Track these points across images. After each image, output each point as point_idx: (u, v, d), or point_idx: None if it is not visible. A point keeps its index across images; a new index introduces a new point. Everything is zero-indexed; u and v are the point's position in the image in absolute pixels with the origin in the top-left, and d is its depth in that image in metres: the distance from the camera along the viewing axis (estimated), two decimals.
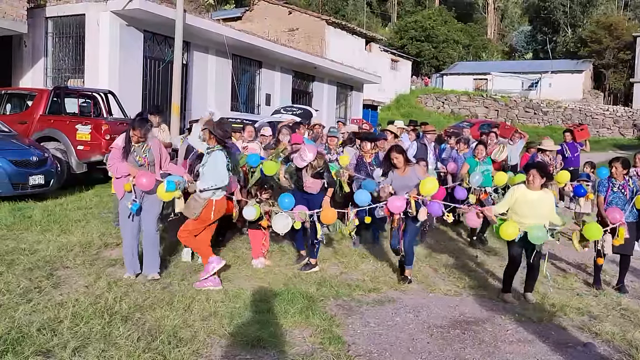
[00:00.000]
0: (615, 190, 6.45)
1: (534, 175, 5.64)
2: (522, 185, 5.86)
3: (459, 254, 7.83)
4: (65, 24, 13.54)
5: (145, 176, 5.43)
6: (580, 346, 4.71)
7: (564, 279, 6.88)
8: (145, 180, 5.41)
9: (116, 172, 5.57)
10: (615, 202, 6.40)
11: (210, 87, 15.97)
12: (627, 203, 6.38)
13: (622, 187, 6.41)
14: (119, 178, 5.58)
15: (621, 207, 6.31)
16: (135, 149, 5.59)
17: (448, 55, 42.40)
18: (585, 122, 31.34)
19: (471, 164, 8.11)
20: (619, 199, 6.41)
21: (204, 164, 5.59)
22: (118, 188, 5.66)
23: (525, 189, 5.72)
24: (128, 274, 5.68)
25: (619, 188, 6.43)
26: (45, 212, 7.91)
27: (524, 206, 5.63)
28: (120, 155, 5.56)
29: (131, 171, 5.51)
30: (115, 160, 5.57)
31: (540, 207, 5.64)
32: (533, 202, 5.62)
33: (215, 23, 16.39)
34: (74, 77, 13.45)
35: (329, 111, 22.13)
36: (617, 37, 39.21)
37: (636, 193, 6.33)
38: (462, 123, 25.73)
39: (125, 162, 5.55)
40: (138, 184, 5.43)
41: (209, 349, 4.18)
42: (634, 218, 6.43)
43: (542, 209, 5.65)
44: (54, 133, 9.92)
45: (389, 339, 4.64)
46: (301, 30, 26.77)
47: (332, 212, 5.98)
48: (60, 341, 4.01)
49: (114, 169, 5.58)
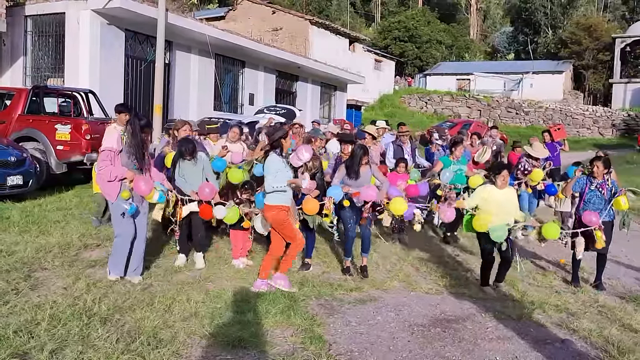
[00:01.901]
0: (592, 189, 6.54)
1: (505, 177, 6.02)
2: (489, 184, 6.19)
3: (439, 252, 7.89)
4: (45, 22, 13.36)
5: (143, 181, 5.35)
6: (558, 343, 4.77)
7: (543, 276, 6.96)
8: (144, 185, 5.34)
9: (109, 176, 5.35)
10: (593, 201, 6.49)
11: (193, 87, 15.88)
12: (604, 202, 6.47)
13: (600, 187, 6.50)
14: (110, 181, 5.38)
15: (598, 205, 6.42)
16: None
17: (431, 55, 42.64)
18: (566, 122, 31.79)
19: (445, 163, 8.19)
20: (596, 197, 6.50)
21: (261, 170, 5.66)
22: (111, 191, 5.42)
23: (493, 188, 6.06)
24: (114, 275, 5.52)
25: (596, 187, 6.51)
26: (23, 213, 7.79)
27: (493, 204, 5.96)
28: (114, 157, 5.37)
29: (128, 175, 5.35)
30: (108, 162, 5.37)
31: (507, 205, 6.00)
32: (501, 200, 5.98)
33: (198, 22, 16.30)
34: (53, 76, 13.27)
35: (312, 111, 22.12)
36: (597, 39, 39.75)
37: (615, 194, 6.42)
38: (445, 123, 25.95)
39: (118, 165, 5.37)
40: (137, 188, 5.33)
41: (189, 350, 4.15)
42: (610, 217, 6.53)
43: (509, 207, 6.03)
44: (33, 133, 9.77)
45: (369, 338, 4.65)
46: (285, 30, 26.75)
47: (313, 202, 6.02)
48: (37, 343, 3.96)
49: (107, 172, 5.35)
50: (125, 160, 5.41)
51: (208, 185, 5.99)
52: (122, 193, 5.35)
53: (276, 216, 5.51)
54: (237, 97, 18.36)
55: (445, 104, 35.48)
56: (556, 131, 11.09)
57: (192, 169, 6.12)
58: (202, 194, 5.89)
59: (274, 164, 5.50)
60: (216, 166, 6.78)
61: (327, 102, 24.29)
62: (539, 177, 8.48)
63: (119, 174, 5.35)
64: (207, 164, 6.34)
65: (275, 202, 5.49)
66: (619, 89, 37.01)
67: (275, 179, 5.44)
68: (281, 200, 5.50)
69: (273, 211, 5.51)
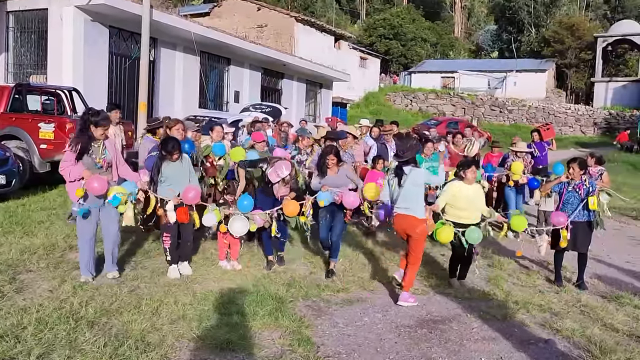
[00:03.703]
0: (570, 190, 6.73)
1: (474, 172, 6.21)
2: (456, 181, 6.30)
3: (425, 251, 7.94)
4: (27, 18, 13.20)
5: (96, 180, 5.27)
6: (542, 343, 4.86)
7: (527, 276, 7.06)
8: (97, 184, 5.26)
9: (69, 176, 5.34)
10: (571, 202, 6.69)
11: (177, 84, 15.79)
12: (581, 202, 6.65)
13: (578, 187, 6.68)
14: (72, 182, 5.37)
15: (576, 205, 6.63)
16: (93, 150, 5.40)
17: (416, 53, 42.83)
18: (549, 120, 32.17)
19: (418, 160, 8.29)
20: (573, 198, 6.69)
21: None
22: (71, 192, 5.42)
23: (461, 184, 6.20)
24: (85, 276, 5.51)
25: (574, 187, 6.71)
26: (7, 213, 7.71)
27: (462, 200, 6.12)
28: (74, 157, 5.31)
29: (85, 174, 5.30)
30: (69, 163, 5.33)
31: (475, 200, 6.21)
32: (469, 196, 6.15)
33: (183, 19, 16.20)
34: (36, 73, 13.12)
35: (298, 109, 22.12)
36: (579, 38, 40.25)
37: (590, 193, 6.58)
38: (430, 121, 26.12)
39: (79, 164, 5.31)
40: (89, 188, 5.25)
41: (177, 353, 4.16)
42: (587, 218, 6.67)
43: (477, 202, 6.24)
44: (16, 131, 9.63)
45: (357, 340, 4.70)
46: (270, 26, 26.68)
47: (294, 204, 6.09)
48: (23, 348, 3.93)
49: (67, 172, 5.33)
50: (87, 161, 5.36)
51: (193, 188, 5.79)
52: (76, 192, 5.26)
53: (425, 230, 5.68)
54: (223, 95, 18.29)
55: (430, 102, 35.70)
56: (546, 131, 11.23)
57: (179, 171, 5.88)
58: (187, 198, 5.70)
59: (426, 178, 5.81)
60: (217, 150, 6.82)
61: (313, 99, 24.29)
62: (519, 168, 8.76)
63: (76, 174, 5.30)
64: (190, 164, 6.13)
65: (424, 216, 5.68)
66: (601, 88, 37.57)
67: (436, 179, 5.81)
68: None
69: (424, 224, 5.65)
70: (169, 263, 5.98)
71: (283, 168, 5.98)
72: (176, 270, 5.96)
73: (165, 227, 5.88)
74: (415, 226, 5.58)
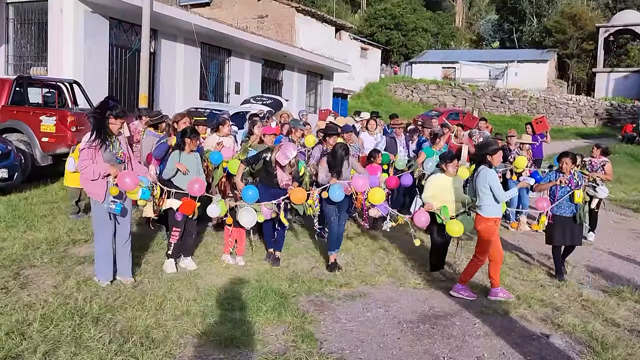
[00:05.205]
0: (562, 186, 6.85)
1: (456, 165, 6.41)
2: (438, 173, 6.50)
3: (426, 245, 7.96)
4: (27, 9, 13.11)
5: (128, 175, 5.04)
6: (544, 338, 4.88)
7: (528, 270, 7.08)
8: (129, 179, 5.02)
9: (93, 174, 5.01)
10: (561, 194, 6.84)
11: (178, 76, 15.73)
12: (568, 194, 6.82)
13: (568, 181, 6.84)
14: (95, 180, 5.07)
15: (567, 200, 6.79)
16: (111, 145, 5.18)
17: (417, 43, 42.64)
18: (550, 111, 32.13)
19: (428, 154, 8.28)
20: (563, 191, 6.85)
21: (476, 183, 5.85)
22: (97, 190, 5.11)
23: (444, 176, 6.39)
24: (104, 281, 5.29)
25: (565, 182, 6.84)
26: (9, 207, 7.72)
27: (445, 192, 6.33)
28: (95, 154, 5.02)
29: (112, 171, 5.03)
30: (88, 160, 5.02)
31: (458, 191, 6.43)
32: (451, 187, 6.34)
33: (184, 11, 16.10)
34: (36, 65, 13.04)
35: (299, 100, 22.05)
36: (581, 28, 40.07)
37: (576, 187, 6.66)
38: (431, 112, 26.05)
39: (100, 161, 5.04)
40: (121, 184, 4.99)
41: (181, 350, 4.18)
42: (571, 213, 6.71)
43: (460, 193, 6.43)
44: (17, 124, 9.62)
45: (360, 335, 4.72)
46: (270, 17, 26.53)
47: (300, 191, 6.16)
48: (29, 345, 3.96)
49: (90, 170, 5.00)
50: (108, 156, 5.12)
51: (198, 180, 5.77)
52: (110, 190, 5.05)
53: (489, 228, 5.81)
54: (224, 86, 18.22)
55: (431, 93, 35.62)
56: (538, 124, 11.20)
57: (192, 163, 5.92)
58: (192, 189, 5.70)
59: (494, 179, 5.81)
60: (213, 159, 6.79)
61: (314, 90, 24.21)
62: (523, 163, 8.75)
63: (101, 170, 5.03)
64: (199, 158, 6.19)
65: (489, 215, 5.81)
66: (602, 79, 37.42)
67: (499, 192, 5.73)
68: (495, 212, 5.84)
69: (489, 222, 5.80)
70: (168, 257, 5.97)
71: (290, 149, 6.07)
72: (173, 265, 5.97)
73: (175, 222, 5.86)
74: (477, 224, 5.96)
